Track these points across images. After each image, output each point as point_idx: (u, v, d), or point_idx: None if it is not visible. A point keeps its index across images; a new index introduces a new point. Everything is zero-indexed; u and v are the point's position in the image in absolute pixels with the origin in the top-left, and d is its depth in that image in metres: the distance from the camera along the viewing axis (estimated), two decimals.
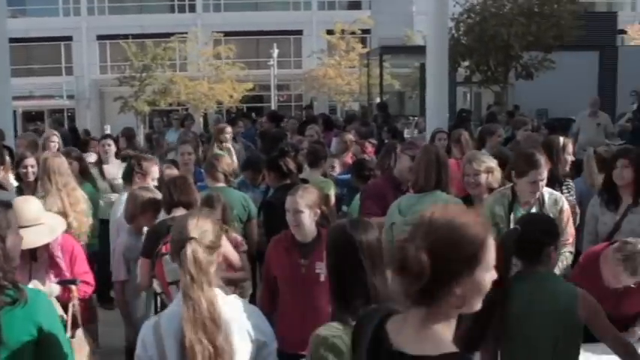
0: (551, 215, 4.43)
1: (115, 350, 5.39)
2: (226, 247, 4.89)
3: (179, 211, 4.76)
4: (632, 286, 4.05)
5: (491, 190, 5.13)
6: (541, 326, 3.24)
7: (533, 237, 3.37)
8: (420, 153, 5.08)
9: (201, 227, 2.78)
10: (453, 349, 1.96)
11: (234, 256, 4.94)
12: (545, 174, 4.51)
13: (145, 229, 4.94)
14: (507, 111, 17.10)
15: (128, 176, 5.92)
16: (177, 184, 4.93)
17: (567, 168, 5.91)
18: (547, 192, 4.71)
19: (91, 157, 8.59)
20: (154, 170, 5.87)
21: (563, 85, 22.38)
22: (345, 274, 2.74)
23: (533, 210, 4.51)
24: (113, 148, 8.33)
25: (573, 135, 12.76)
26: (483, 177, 5.15)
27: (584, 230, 5.42)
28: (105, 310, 6.66)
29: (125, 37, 36.79)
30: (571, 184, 5.81)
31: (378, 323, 2.09)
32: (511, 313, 3.23)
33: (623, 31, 38.96)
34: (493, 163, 5.28)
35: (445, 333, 1.98)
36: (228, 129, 9.81)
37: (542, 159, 4.51)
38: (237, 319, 2.76)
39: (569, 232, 4.71)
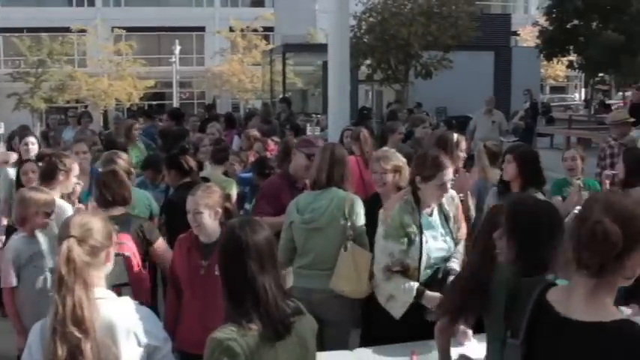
0: (451, 214, 4.46)
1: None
2: (161, 245, 4.82)
3: (116, 210, 4.71)
4: None
5: (399, 188, 5.14)
6: None
7: None
8: (318, 151, 5.10)
9: (85, 225, 2.68)
10: (621, 315, 2.19)
11: (167, 253, 4.84)
12: (451, 174, 4.42)
13: (37, 232, 4.76)
14: (408, 109, 17.46)
15: (50, 175, 5.63)
16: (106, 182, 4.81)
17: (460, 164, 6.04)
18: None
19: (12, 157, 8.11)
20: (76, 167, 5.67)
21: (461, 84, 23.06)
22: (234, 275, 2.73)
23: (435, 211, 4.42)
24: (35, 148, 7.76)
25: (470, 132, 13.19)
26: (390, 176, 5.11)
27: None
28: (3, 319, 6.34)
29: (20, 30, 35.46)
30: None
31: (539, 295, 2.28)
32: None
33: (517, 33, 40.49)
34: (401, 162, 5.22)
35: (611, 301, 2.19)
36: (137, 125, 9.68)
37: (447, 159, 4.42)
38: (125, 322, 2.69)
39: (464, 228, 4.71)
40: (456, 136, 6.05)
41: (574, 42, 25.26)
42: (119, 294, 4.28)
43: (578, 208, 5.24)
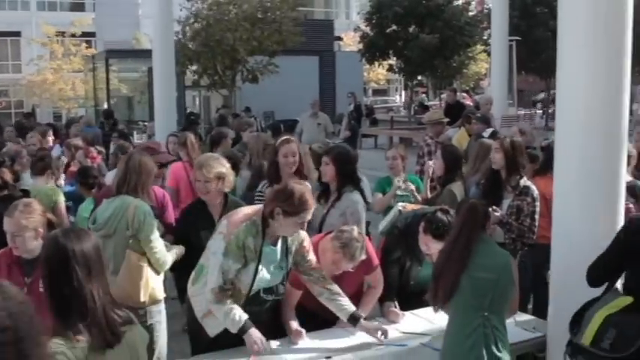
0: (293, 247, 4.25)
1: None
2: None
3: None
4: (351, 270, 4.36)
5: (225, 194, 5.07)
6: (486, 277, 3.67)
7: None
8: None
9: None
10: None
11: None
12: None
13: None
14: (233, 113, 17.50)
15: None
16: None
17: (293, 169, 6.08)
18: None
19: None
20: None
21: (288, 88, 23.49)
22: (59, 286, 2.64)
23: (279, 242, 4.21)
24: None
25: (297, 135, 13.44)
26: (213, 184, 4.96)
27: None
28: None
29: None
30: None
31: None
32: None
33: (340, 38, 41.79)
34: (225, 168, 5.07)
35: None
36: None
37: (312, 198, 4.21)
38: None
39: (314, 257, 4.37)
40: (281, 140, 6.07)
41: (393, 46, 26.49)
42: None
43: (401, 204, 5.55)
